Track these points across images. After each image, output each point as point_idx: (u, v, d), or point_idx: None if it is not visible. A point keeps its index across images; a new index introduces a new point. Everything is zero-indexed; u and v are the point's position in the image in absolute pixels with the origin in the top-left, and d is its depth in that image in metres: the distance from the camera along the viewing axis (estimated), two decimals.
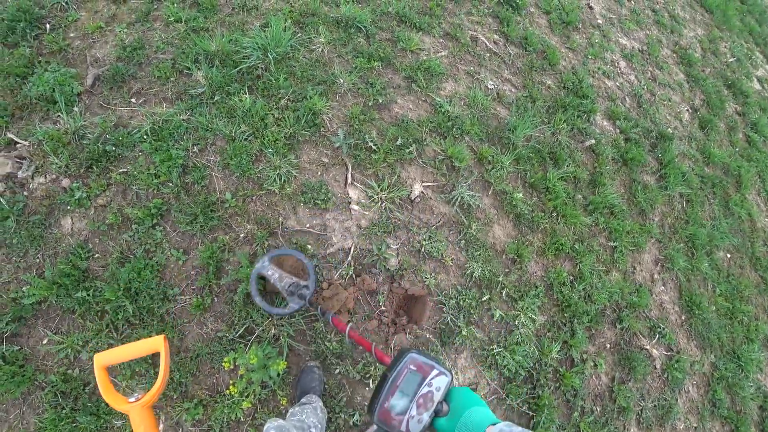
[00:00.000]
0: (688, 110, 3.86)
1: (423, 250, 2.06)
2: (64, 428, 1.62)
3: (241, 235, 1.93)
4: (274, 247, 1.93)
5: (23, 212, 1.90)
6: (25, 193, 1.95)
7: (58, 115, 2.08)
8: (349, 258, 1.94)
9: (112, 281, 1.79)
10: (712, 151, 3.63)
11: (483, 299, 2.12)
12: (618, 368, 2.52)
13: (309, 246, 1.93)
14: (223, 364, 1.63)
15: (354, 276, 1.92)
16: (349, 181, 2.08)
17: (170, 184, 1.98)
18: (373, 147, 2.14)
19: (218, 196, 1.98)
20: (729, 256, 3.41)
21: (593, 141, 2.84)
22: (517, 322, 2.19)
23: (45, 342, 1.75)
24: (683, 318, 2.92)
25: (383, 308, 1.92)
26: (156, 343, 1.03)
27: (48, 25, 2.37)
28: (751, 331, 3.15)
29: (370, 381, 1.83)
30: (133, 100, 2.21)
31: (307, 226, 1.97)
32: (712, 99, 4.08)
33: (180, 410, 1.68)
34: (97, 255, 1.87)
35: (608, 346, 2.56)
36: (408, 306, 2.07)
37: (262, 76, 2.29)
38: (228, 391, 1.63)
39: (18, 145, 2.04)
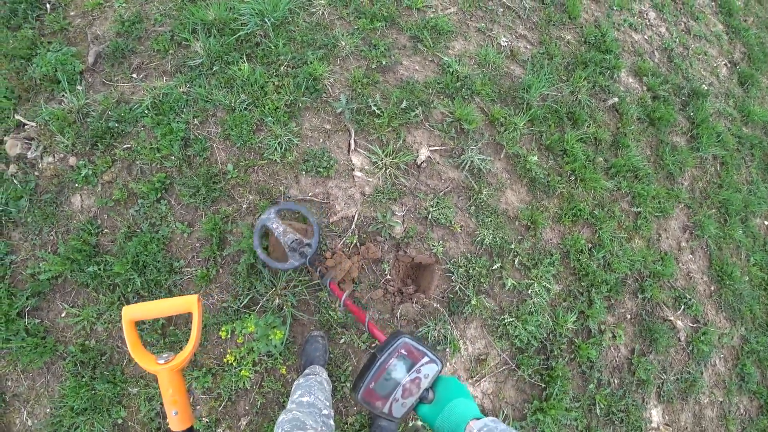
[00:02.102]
0: (726, 64, 3.51)
1: (430, 216, 1.98)
2: (84, 395, 1.69)
3: (244, 206, 1.91)
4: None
5: (35, 192, 1.93)
6: (36, 173, 1.99)
7: (63, 95, 2.08)
8: (353, 226, 1.89)
9: (120, 255, 1.82)
10: (752, 108, 3.30)
11: (494, 267, 2.04)
12: (638, 340, 2.41)
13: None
14: (220, 333, 1.64)
15: (358, 244, 1.87)
16: (352, 147, 2.00)
17: (172, 158, 1.96)
18: (377, 111, 2.04)
19: (220, 168, 1.96)
20: (766, 223, 3.16)
21: (616, 99, 2.62)
22: (530, 291, 2.10)
23: (63, 315, 1.81)
24: (712, 288, 2.74)
25: (389, 277, 1.87)
26: (188, 303, 0.95)
27: (48, 5, 2.35)
28: None
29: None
30: (134, 75, 2.19)
31: (310, 194, 1.92)
32: (754, 51, 3.69)
33: (190, 379, 1.72)
34: (106, 230, 1.90)
35: (629, 316, 2.44)
36: (415, 275, 2.01)
37: (261, 43, 2.21)
38: (225, 360, 1.64)
39: (26, 127, 2.06)
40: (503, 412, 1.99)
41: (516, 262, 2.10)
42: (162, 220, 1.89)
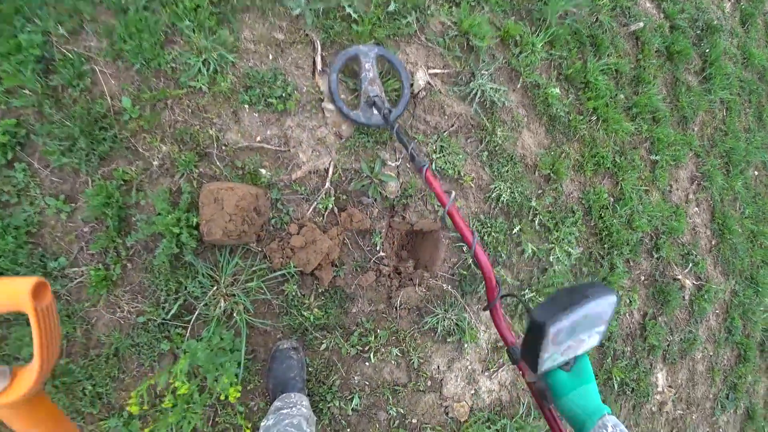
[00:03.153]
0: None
1: (434, 166, 1.45)
2: None
3: (155, 163, 1.24)
4: (211, 177, 1.26)
5: None
6: None
7: None
8: (327, 184, 1.30)
9: None
10: (752, 50, 3.06)
11: (513, 231, 1.60)
12: (651, 302, 2.20)
13: (263, 170, 1.27)
14: (129, 408, 1.04)
15: (336, 211, 1.31)
16: (319, 67, 1.36)
17: (27, 92, 1.21)
18: (353, 16, 1.39)
19: (109, 104, 1.24)
20: (756, 173, 3.06)
21: (641, 24, 2.18)
22: (551, 257, 1.71)
23: None
24: (713, 243, 2.60)
25: (382, 254, 1.35)
26: (14, 296, 0.51)
27: None
28: None
29: (370, 354, 1.32)
30: None
31: (258, 139, 1.29)
32: None
33: (105, 428, 1.14)
34: None
35: (642, 278, 2.20)
36: (413, 246, 1.51)
37: None
38: (167, 421, 1.05)
39: None
40: (523, 403, 1.66)
41: (536, 222, 1.68)
42: (20, 195, 1.18)
